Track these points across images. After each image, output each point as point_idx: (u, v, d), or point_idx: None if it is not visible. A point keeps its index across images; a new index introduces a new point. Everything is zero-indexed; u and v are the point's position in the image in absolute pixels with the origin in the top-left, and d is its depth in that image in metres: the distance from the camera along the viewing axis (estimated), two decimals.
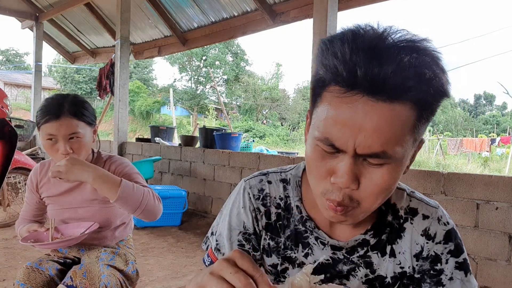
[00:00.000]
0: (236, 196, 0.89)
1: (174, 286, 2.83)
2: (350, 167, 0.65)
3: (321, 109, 0.68)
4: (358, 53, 0.61)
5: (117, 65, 6.12)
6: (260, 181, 0.88)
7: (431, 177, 2.86)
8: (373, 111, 0.62)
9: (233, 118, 32.04)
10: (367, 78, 0.61)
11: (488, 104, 49.70)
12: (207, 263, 0.87)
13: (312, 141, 0.70)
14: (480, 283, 2.64)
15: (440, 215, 0.84)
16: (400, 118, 0.63)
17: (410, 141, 0.66)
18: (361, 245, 0.83)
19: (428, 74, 0.62)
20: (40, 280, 1.40)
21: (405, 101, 0.62)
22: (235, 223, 0.86)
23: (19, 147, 4.04)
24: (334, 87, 0.65)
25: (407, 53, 0.61)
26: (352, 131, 0.63)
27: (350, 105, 0.63)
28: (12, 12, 8.29)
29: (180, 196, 4.46)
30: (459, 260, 0.82)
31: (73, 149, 1.48)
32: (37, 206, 1.68)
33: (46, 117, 1.46)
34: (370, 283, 0.84)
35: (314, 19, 4.02)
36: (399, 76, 0.60)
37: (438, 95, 0.65)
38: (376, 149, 0.63)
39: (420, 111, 0.64)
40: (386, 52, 0.61)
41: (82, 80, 33.08)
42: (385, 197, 0.71)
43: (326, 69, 0.65)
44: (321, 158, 0.69)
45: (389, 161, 0.65)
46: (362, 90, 0.62)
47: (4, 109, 3.40)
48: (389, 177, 0.67)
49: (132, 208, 1.42)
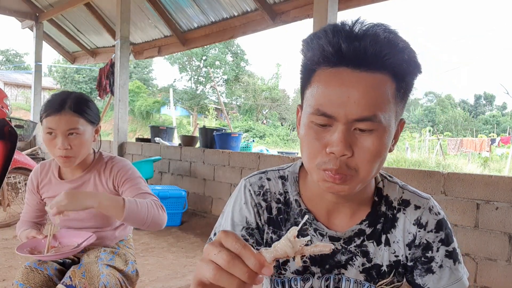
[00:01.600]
0: (238, 194, 0.92)
1: (174, 286, 2.83)
2: (343, 135, 0.71)
3: (311, 90, 0.75)
4: (339, 34, 0.70)
5: (117, 65, 6.12)
6: (260, 178, 0.92)
7: (431, 177, 2.86)
8: (359, 81, 0.70)
9: (233, 118, 32.04)
10: (350, 51, 0.69)
11: (488, 104, 49.68)
12: None
13: (305, 120, 0.76)
14: (480, 283, 2.64)
15: (431, 205, 0.88)
16: (381, 86, 0.71)
17: (393, 110, 0.74)
18: (358, 235, 0.86)
19: (401, 44, 0.71)
20: (39, 280, 1.40)
21: (383, 70, 0.71)
22: (238, 219, 0.89)
23: (19, 147, 4.04)
24: (322, 69, 0.73)
25: (381, 30, 0.71)
26: (341, 100, 0.70)
27: (336, 79, 0.71)
28: (12, 12, 8.28)
29: (180, 196, 4.46)
30: (449, 249, 0.86)
31: (72, 146, 1.48)
32: (37, 207, 1.67)
33: (48, 111, 1.48)
34: (367, 272, 0.87)
35: (314, 19, 4.02)
36: (376, 46, 0.69)
37: (412, 66, 0.73)
38: (367, 113, 0.70)
39: (398, 82, 0.73)
40: (363, 31, 0.71)
41: (82, 80, 33.05)
42: (377, 166, 0.75)
43: (313, 52, 0.73)
44: (315, 134, 0.74)
45: (378, 127, 0.72)
46: (346, 64, 0.71)
47: (4, 109, 3.40)
48: (379, 143, 0.72)
49: (138, 224, 1.43)
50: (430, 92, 48.99)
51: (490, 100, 49.29)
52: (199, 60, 34.15)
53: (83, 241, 1.50)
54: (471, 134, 27.48)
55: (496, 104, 49.44)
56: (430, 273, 0.85)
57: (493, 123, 38.19)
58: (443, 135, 25.66)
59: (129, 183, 1.56)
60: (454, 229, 2.73)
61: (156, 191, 4.29)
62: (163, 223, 1.48)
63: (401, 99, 0.75)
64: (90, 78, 32.61)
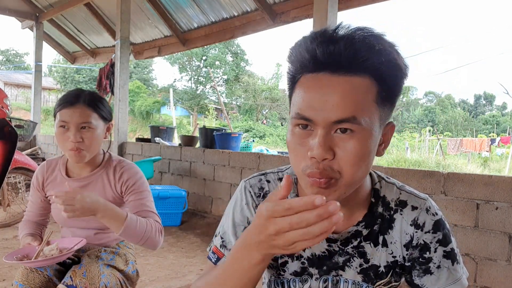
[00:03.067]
0: (238, 195, 0.93)
1: (174, 286, 2.83)
2: (323, 139, 0.71)
3: (294, 96, 0.77)
4: (316, 39, 0.71)
5: (117, 65, 6.12)
6: (260, 180, 0.93)
7: (431, 177, 2.86)
8: (337, 84, 0.71)
9: (233, 118, 32.04)
10: (325, 56, 0.70)
11: (488, 104, 49.68)
12: (213, 260, 0.91)
13: (290, 125, 0.77)
14: (480, 283, 2.64)
15: (428, 206, 0.88)
16: (361, 89, 0.71)
17: (376, 114, 0.73)
18: (355, 236, 0.86)
19: (378, 46, 0.71)
20: (38, 281, 1.40)
21: (363, 73, 0.71)
22: (239, 220, 0.90)
23: (19, 147, 4.04)
24: (304, 75, 0.75)
25: (357, 33, 0.71)
26: (320, 104, 0.71)
27: (315, 83, 0.73)
28: (12, 12, 8.28)
29: (180, 196, 4.46)
30: (446, 249, 0.86)
31: (84, 139, 1.49)
32: (41, 205, 1.67)
33: (62, 104, 1.51)
34: (364, 273, 0.87)
35: (314, 19, 4.02)
36: (351, 49, 0.69)
37: (392, 67, 0.72)
38: (345, 115, 0.70)
39: (380, 85, 0.73)
40: (339, 36, 0.71)
41: (82, 80, 33.03)
42: (362, 170, 0.75)
43: (295, 59, 0.75)
44: (298, 139, 0.75)
45: (359, 130, 0.71)
46: (325, 69, 0.72)
47: (4, 109, 3.40)
48: (361, 146, 0.72)
49: (132, 241, 1.46)
50: (430, 92, 49.02)
51: (490, 100, 49.30)
52: (199, 60, 34.14)
53: (74, 245, 1.47)
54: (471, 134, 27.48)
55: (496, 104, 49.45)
56: (428, 273, 0.85)
57: (493, 123, 38.20)
58: (443, 135, 25.67)
59: (135, 195, 1.56)
60: (454, 229, 2.73)
61: (156, 191, 4.29)
62: (156, 247, 1.51)
63: (385, 102, 0.75)
64: (90, 78, 32.60)
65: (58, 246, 1.45)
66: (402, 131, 30.52)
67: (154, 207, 1.58)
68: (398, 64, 0.73)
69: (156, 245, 1.50)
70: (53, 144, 8.06)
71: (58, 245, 1.46)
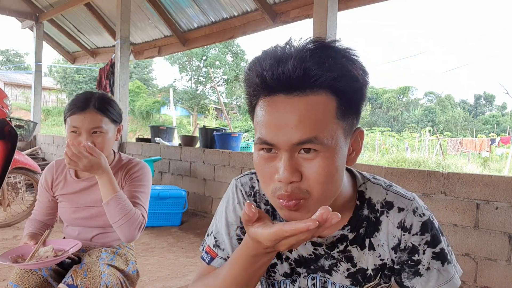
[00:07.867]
0: (230, 194, 0.95)
1: (174, 286, 2.83)
2: (287, 162, 0.69)
3: (254, 119, 0.75)
4: (265, 61, 0.70)
5: (117, 65, 6.12)
6: (250, 179, 0.94)
7: (431, 177, 2.86)
8: (293, 106, 0.69)
9: (233, 118, 32.04)
10: (274, 78, 0.69)
11: (488, 104, 49.65)
12: (207, 260, 0.92)
13: (254, 149, 0.76)
14: (480, 283, 2.64)
15: (415, 206, 0.85)
16: (319, 107, 0.69)
17: (339, 129, 0.71)
18: (340, 240, 0.85)
19: (329, 60, 0.68)
20: (33, 281, 1.40)
21: (318, 91, 0.69)
22: (232, 219, 0.91)
23: (19, 147, 4.04)
24: (260, 100, 0.73)
25: (308, 49, 0.69)
26: (278, 128, 0.69)
27: (272, 106, 0.70)
28: (12, 12, 8.29)
29: (180, 196, 4.46)
30: (435, 251, 0.84)
31: (95, 144, 1.50)
32: (48, 204, 1.67)
33: (72, 110, 1.51)
34: (352, 276, 0.87)
35: (314, 19, 4.02)
36: (300, 69, 0.67)
37: (347, 80, 0.70)
38: (306, 136, 0.68)
39: (338, 99, 0.70)
40: (287, 55, 0.69)
41: (82, 80, 33.03)
42: (332, 186, 0.73)
43: (247, 84, 0.74)
44: (264, 162, 0.73)
45: (322, 149, 0.69)
46: (279, 91, 0.70)
47: (4, 109, 3.41)
48: (326, 164, 0.70)
49: (113, 218, 1.46)
50: (430, 92, 48.98)
51: (490, 100, 49.29)
52: (199, 60, 34.13)
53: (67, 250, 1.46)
54: (471, 134, 27.48)
55: (496, 104, 49.44)
56: (418, 275, 0.84)
57: (493, 123, 38.19)
58: (443, 135, 25.64)
59: (131, 186, 1.58)
60: (454, 229, 2.73)
61: (156, 191, 4.29)
62: (130, 237, 1.47)
63: (347, 115, 0.73)
64: (90, 78, 32.60)
65: (53, 248, 1.44)
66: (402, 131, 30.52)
67: (146, 205, 1.58)
68: (353, 75, 0.70)
69: (132, 235, 1.47)
70: (53, 144, 8.06)
71: (53, 247, 1.45)
